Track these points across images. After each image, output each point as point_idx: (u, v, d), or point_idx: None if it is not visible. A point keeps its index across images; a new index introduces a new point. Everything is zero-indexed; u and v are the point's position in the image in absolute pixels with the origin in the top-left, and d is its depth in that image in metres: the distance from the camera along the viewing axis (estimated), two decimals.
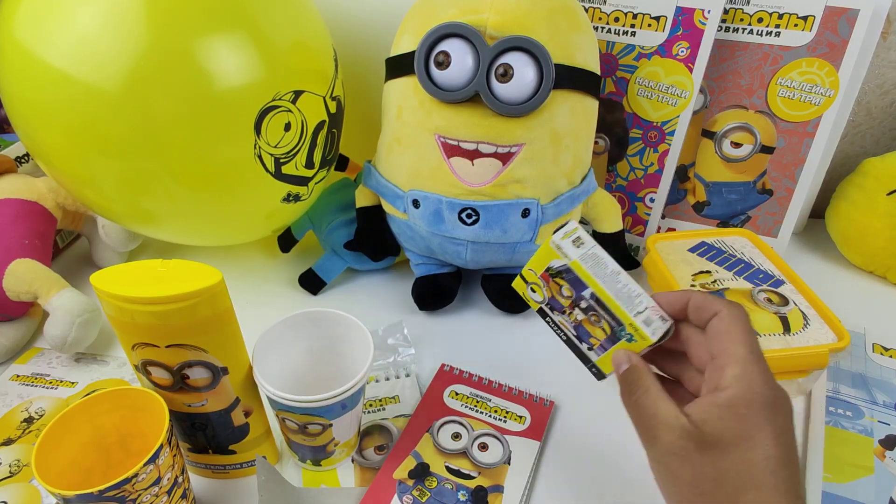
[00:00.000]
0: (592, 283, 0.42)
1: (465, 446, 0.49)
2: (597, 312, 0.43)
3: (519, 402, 0.54)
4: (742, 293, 0.55)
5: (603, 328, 0.43)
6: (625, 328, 0.42)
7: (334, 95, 0.58)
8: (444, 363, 0.57)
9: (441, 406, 0.53)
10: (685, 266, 0.59)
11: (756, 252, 0.61)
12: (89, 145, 0.49)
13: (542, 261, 0.44)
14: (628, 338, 0.42)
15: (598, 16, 0.63)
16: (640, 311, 0.41)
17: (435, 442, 0.49)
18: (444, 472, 0.47)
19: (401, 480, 0.46)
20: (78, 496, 0.35)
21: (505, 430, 0.51)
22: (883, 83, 0.72)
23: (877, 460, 0.48)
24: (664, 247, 0.62)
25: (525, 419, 0.52)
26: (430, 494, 0.45)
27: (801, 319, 0.52)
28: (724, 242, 0.62)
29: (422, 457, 0.48)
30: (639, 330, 0.41)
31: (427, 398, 0.54)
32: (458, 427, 0.51)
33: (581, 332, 0.45)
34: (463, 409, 0.53)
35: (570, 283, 0.43)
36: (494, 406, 0.53)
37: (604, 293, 0.42)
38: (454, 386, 0.55)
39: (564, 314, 0.46)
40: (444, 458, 0.48)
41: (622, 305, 0.41)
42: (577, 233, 0.43)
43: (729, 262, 0.60)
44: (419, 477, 0.47)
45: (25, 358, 0.59)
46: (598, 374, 0.46)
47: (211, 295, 0.37)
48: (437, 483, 0.46)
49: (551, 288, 0.45)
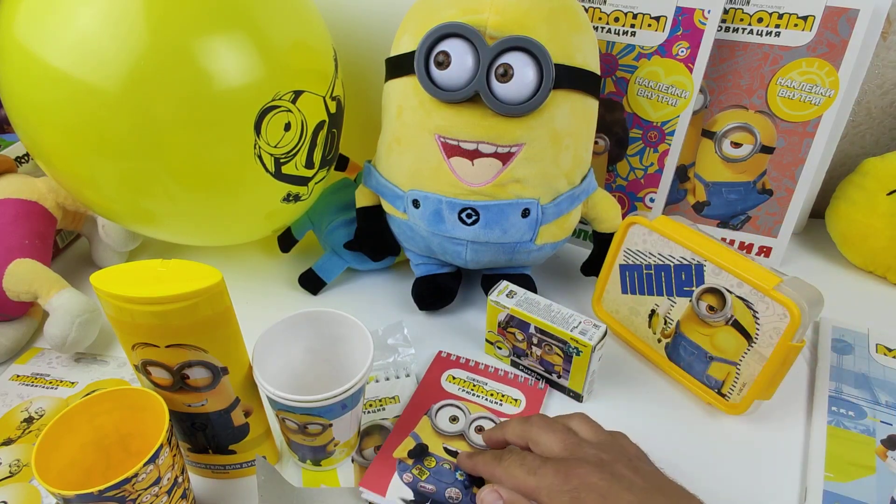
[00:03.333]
0: (532, 319, 0.52)
1: (462, 428, 0.51)
2: (547, 342, 0.52)
3: (514, 386, 0.55)
4: (691, 319, 0.53)
5: (557, 353, 0.52)
6: (569, 344, 0.51)
7: (334, 95, 0.58)
8: (441, 350, 0.59)
9: (439, 390, 0.54)
10: (634, 317, 0.58)
11: (656, 239, 0.54)
12: (89, 145, 0.49)
13: (493, 321, 0.55)
14: (576, 352, 0.51)
15: (598, 16, 0.63)
16: (575, 326, 0.51)
17: (433, 424, 0.51)
18: (442, 453, 0.48)
19: (400, 459, 0.48)
20: (78, 496, 0.35)
21: (501, 413, 0.52)
22: (883, 83, 0.72)
23: (878, 460, 0.48)
24: (609, 302, 0.60)
25: (520, 402, 0.54)
26: (429, 473, 0.47)
27: (748, 311, 0.49)
28: (630, 252, 0.57)
29: (420, 438, 0.50)
30: (579, 340, 0.50)
31: (425, 382, 0.55)
32: (456, 410, 0.52)
33: (546, 365, 0.54)
34: (460, 393, 0.54)
35: (518, 327, 0.54)
36: (490, 390, 0.55)
37: (543, 323, 0.52)
38: (451, 370, 0.57)
39: (528, 357, 0.55)
40: (443, 439, 0.50)
41: (559, 327, 0.51)
42: (508, 288, 0.55)
43: (651, 279, 0.55)
44: (418, 457, 0.48)
45: (25, 358, 0.59)
46: (575, 396, 0.55)
47: (211, 295, 0.37)
48: (435, 463, 0.48)
49: (508, 339, 0.55)
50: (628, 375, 0.57)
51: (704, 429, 0.52)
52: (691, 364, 0.54)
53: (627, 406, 0.54)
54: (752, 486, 0.48)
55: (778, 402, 0.52)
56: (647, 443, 0.50)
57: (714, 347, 0.52)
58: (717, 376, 0.52)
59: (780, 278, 0.48)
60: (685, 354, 0.54)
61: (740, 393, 0.51)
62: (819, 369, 0.57)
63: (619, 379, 0.57)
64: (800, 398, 0.55)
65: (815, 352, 0.59)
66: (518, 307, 0.53)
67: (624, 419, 0.50)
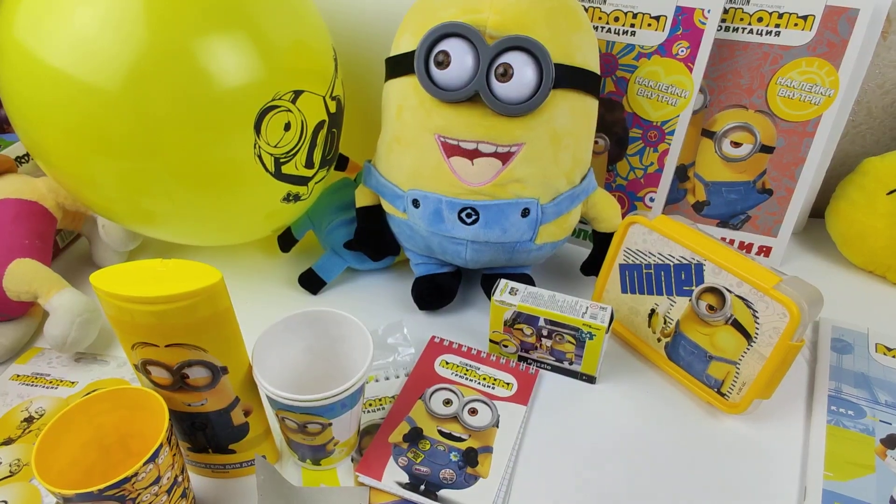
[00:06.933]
0: (541, 312, 0.53)
1: (455, 411, 0.52)
2: (558, 332, 0.53)
3: (506, 370, 0.56)
4: (691, 319, 0.53)
5: (569, 340, 0.53)
6: (581, 331, 0.52)
7: (334, 95, 0.58)
8: (435, 336, 0.60)
9: (433, 374, 0.56)
10: (634, 317, 0.58)
11: (656, 238, 0.54)
12: (89, 145, 0.49)
13: (498, 320, 0.56)
14: (589, 336, 0.52)
15: (598, 15, 0.63)
16: (584, 311, 0.52)
17: (427, 408, 0.52)
18: (436, 436, 0.50)
19: (396, 444, 0.49)
20: (78, 495, 0.35)
21: (493, 396, 0.54)
22: (883, 83, 0.72)
23: (878, 459, 0.48)
24: (608, 301, 0.60)
25: (512, 386, 0.55)
26: (424, 456, 0.48)
27: (747, 311, 0.49)
28: (630, 251, 0.56)
29: (415, 421, 0.51)
30: (591, 325, 0.51)
31: (419, 367, 0.56)
32: (449, 394, 0.54)
33: (557, 355, 0.55)
34: (453, 377, 0.55)
35: (526, 322, 0.54)
36: (483, 374, 0.56)
37: (552, 314, 0.53)
38: (445, 356, 0.58)
39: (538, 349, 0.56)
40: (437, 422, 0.51)
41: (569, 315, 0.52)
42: (509, 286, 0.55)
43: (651, 279, 0.55)
44: (413, 440, 0.49)
45: (25, 358, 0.59)
46: (588, 379, 0.57)
47: (210, 294, 0.37)
48: (430, 445, 0.49)
49: (516, 335, 0.56)
50: (628, 375, 0.57)
51: (704, 428, 0.52)
52: (691, 363, 0.54)
53: (635, 391, 0.56)
54: (752, 485, 0.48)
55: (777, 401, 0.52)
56: (647, 440, 0.51)
57: (714, 347, 0.52)
58: (716, 375, 0.52)
59: (780, 278, 0.48)
60: (685, 354, 0.54)
61: (740, 392, 0.51)
62: (819, 369, 0.57)
63: (618, 378, 0.57)
64: (799, 397, 0.55)
65: (814, 351, 0.59)
66: (524, 303, 0.53)
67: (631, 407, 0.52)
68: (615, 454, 0.50)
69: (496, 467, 0.47)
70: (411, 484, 0.46)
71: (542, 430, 0.52)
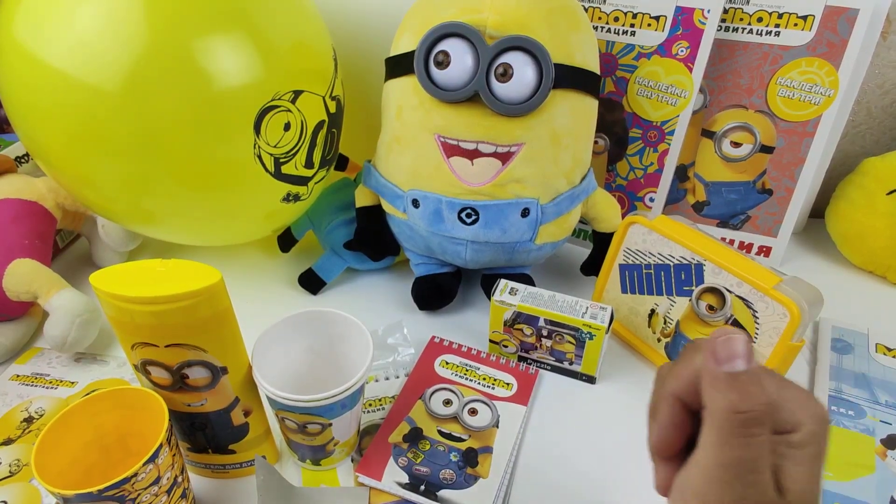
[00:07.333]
0: (541, 312, 0.53)
1: (455, 411, 0.52)
2: (558, 332, 0.53)
3: (506, 371, 0.56)
4: (691, 319, 0.53)
5: (569, 341, 0.53)
6: (582, 331, 0.52)
7: (334, 95, 0.58)
8: (435, 336, 0.60)
9: (433, 374, 0.55)
10: (634, 317, 0.58)
11: (656, 238, 0.54)
12: (89, 145, 0.49)
13: (498, 321, 0.55)
14: (589, 336, 0.52)
15: (598, 15, 0.63)
16: (584, 312, 0.52)
17: (427, 408, 0.52)
18: (436, 436, 0.50)
19: (396, 444, 0.49)
20: (78, 495, 0.35)
21: (493, 396, 0.53)
22: (883, 83, 0.72)
23: (878, 459, 0.48)
24: (608, 301, 0.59)
25: (512, 386, 0.55)
26: (424, 456, 0.48)
27: (747, 311, 0.49)
28: (630, 251, 0.56)
29: (415, 422, 0.51)
30: (591, 325, 0.51)
31: (419, 367, 0.56)
32: (449, 394, 0.54)
33: (557, 355, 0.55)
34: (453, 378, 0.55)
35: (526, 322, 0.54)
36: (483, 374, 0.56)
37: (553, 314, 0.52)
38: (444, 356, 0.58)
39: (537, 350, 0.56)
40: (437, 422, 0.51)
41: (569, 315, 0.52)
42: (509, 286, 0.55)
43: (651, 279, 0.55)
44: (413, 440, 0.49)
45: (25, 358, 0.59)
46: (588, 379, 0.56)
47: (210, 295, 0.37)
48: (430, 445, 0.49)
49: (516, 336, 0.56)
50: (628, 375, 0.57)
51: None
52: None
53: (635, 391, 0.55)
54: None
55: None
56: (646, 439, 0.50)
57: None
58: None
59: (780, 278, 0.48)
60: None
61: None
62: (819, 369, 0.57)
63: (618, 378, 0.57)
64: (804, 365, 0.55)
65: (814, 351, 0.59)
66: (524, 303, 0.53)
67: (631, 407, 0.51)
68: (615, 454, 0.50)
69: (496, 467, 0.47)
70: (411, 484, 0.46)
71: (542, 430, 0.52)
